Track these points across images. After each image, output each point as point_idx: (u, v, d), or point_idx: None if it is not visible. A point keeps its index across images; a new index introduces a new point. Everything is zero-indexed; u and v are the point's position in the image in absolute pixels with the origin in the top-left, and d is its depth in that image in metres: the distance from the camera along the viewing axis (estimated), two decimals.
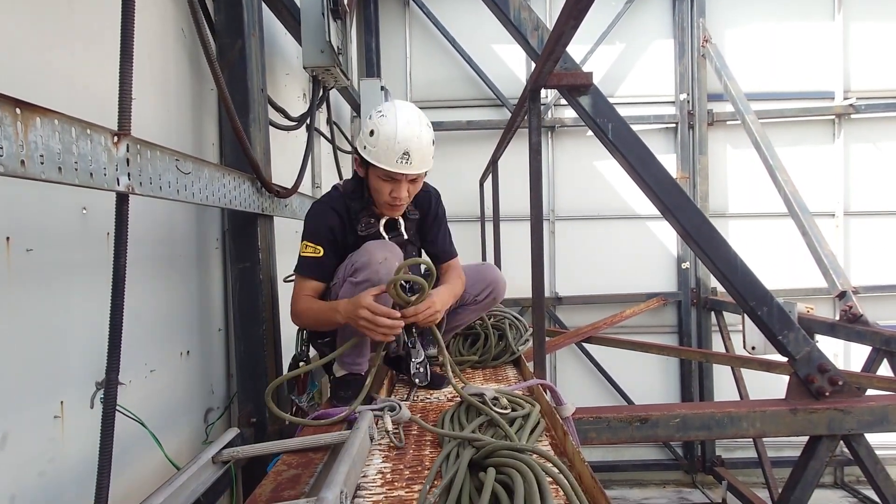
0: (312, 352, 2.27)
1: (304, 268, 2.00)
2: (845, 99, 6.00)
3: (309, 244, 1.99)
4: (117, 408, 1.24)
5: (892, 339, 3.87)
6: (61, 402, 1.37)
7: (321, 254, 1.97)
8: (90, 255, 1.49)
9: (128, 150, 1.28)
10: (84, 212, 1.47)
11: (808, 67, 6.07)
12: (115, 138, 1.24)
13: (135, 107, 1.29)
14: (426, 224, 2.22)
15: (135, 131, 1.29)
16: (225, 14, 2.18)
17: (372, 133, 1.91)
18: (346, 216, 2.04)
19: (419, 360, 2.09)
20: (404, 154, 1.88)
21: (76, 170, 1.11)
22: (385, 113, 1.92)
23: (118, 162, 1.25)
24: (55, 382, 1.37)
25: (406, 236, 2.13)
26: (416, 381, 2.10)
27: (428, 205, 2.20)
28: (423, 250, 2.27)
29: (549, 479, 1.19)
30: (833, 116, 6.05)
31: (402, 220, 2.12)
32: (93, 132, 1.17)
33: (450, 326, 2.35)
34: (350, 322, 1.81)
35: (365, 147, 1.94)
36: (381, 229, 2.06)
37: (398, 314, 1.78)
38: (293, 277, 2.17)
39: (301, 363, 2.21)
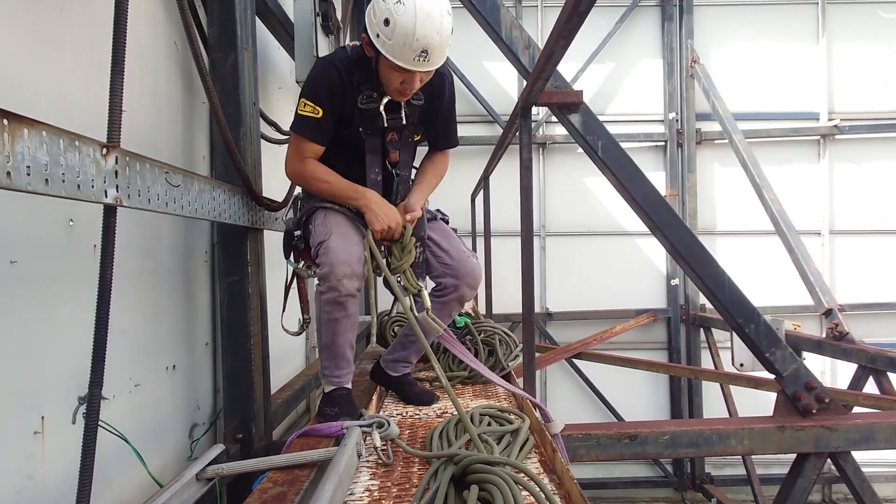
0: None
1: (304, 128, 1.89)
2: (829, 120, 6.12)
3: (308, 103, 1.86)
4: (100, 423, 1.22)
5: (877, 356, 3.91)
6: (42, 418, 1.35)
7: (320, 115, 1.86)
8: (76, 268, 1.47)
9: (116, 163, 1.27)
10: (71, 224, 1.45)
11: (794, 88, 6.20)
12: (104, 150, 1.24)
13: (125, 119, 1.28)
14: (435, 111, 2.04)
15: (125, 143, 1.29)
16: (218, 28, 2.19)
17: (387, 23, 1.68)
18: (350, 82, 1.89)
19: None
20: (422, 52, 1.69)
21: (63, 182, 1.11)
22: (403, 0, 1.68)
23: (106, 174, 1.24)
24: (36, 397, 1.34)
25: (405, 122, 1.97)
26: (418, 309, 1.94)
27: (441, 90, 2.01)
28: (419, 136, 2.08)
29: (526, 494, 1.19)
30: (818, 137, 6.16)
31: (403, 104, 1.95)
32: (81, 144, 1.16)
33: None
34: (363, 207, 1.88)
35: (378, 35, 1.73)
36: (381, 108, 1.91)
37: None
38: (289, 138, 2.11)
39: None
